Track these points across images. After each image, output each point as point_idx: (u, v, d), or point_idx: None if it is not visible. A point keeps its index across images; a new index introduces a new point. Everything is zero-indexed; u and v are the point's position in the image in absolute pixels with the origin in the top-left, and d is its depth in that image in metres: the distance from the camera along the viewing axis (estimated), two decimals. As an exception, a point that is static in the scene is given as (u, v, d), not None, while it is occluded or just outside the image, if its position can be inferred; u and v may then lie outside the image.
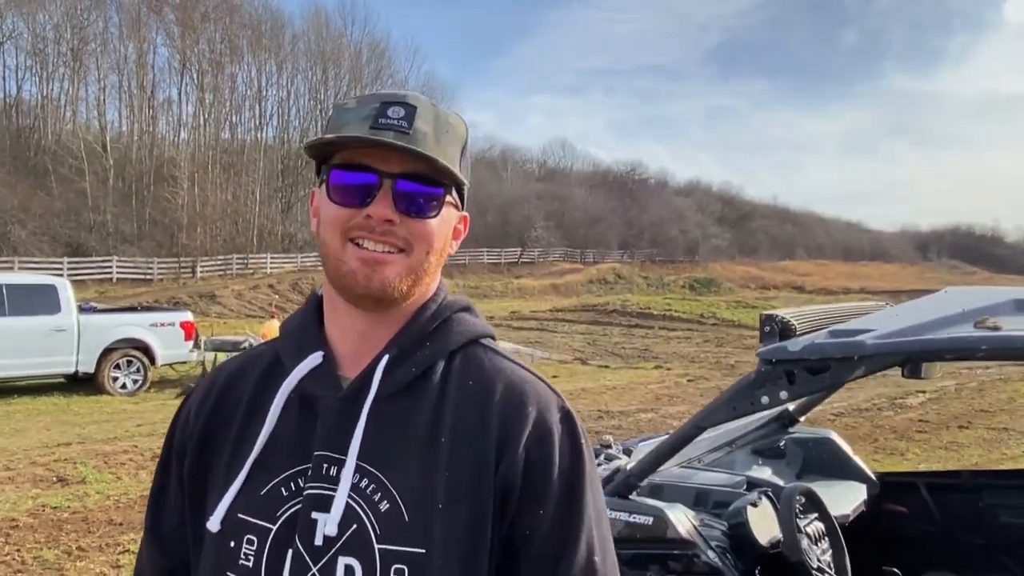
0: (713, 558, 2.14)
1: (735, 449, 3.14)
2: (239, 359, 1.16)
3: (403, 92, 1.02)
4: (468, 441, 0.99)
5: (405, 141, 0.97)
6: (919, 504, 3.16)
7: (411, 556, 0.94)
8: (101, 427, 10.09)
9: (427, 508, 0.96)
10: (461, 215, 1.09)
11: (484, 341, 1.09)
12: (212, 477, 1.05)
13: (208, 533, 1.01)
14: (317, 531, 0.96)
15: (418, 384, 1.02)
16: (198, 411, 1.10)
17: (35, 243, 38.53)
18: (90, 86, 50.57)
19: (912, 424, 10.32)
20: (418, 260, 1.01)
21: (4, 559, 5.22)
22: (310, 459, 0.99)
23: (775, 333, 2.19)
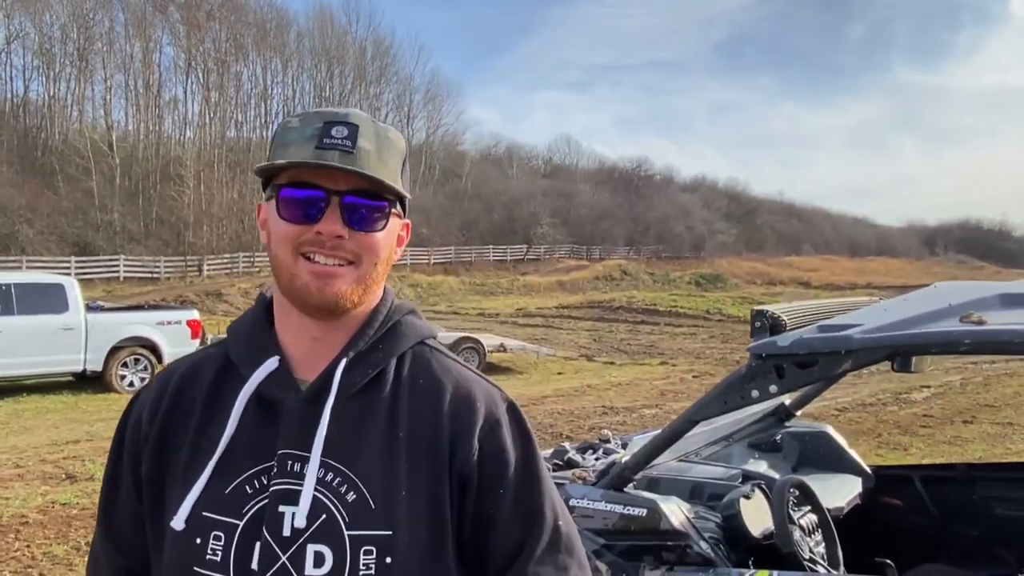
0: (706, 549, 2.19)
1: (732, 443, 3.18)
2: (187, 361, 1.20)
3: (344, 111, 1.08)
4: (423, 434, 1.08)
5: (349, 160, 1.03)
6: (914, 497, 3.20)
7: (379, 538, 1.02)
8: (109, 425, 10.14)
9: (391, 495, 1.04)
10: (403, 223, 1.16)
11: (429, 342, 1.17)
12: (170, 478, 1.09)
13: (171, 531, 1.05)
14: (284, 523, 1.03)
15: (373, 384, 1.10)
16: (152, 413, 1.14)
17: (43, 242, 38.71)
18: (96, 85, 50.78)
19: (916, 419, 10.33)
20: (367, 271, 1.08)
21: (14, 555, 5.30)
22: (272, 458, 1.05)
23: (766, 328, 2.24)
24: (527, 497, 1.12)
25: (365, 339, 1.11)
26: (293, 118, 1.10)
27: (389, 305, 1.16)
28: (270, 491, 1.04)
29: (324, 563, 1.02)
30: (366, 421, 1.08)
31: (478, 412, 1.11)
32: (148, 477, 1.12)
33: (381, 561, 1.02)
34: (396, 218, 1.12)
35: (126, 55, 50.89)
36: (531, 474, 1.13)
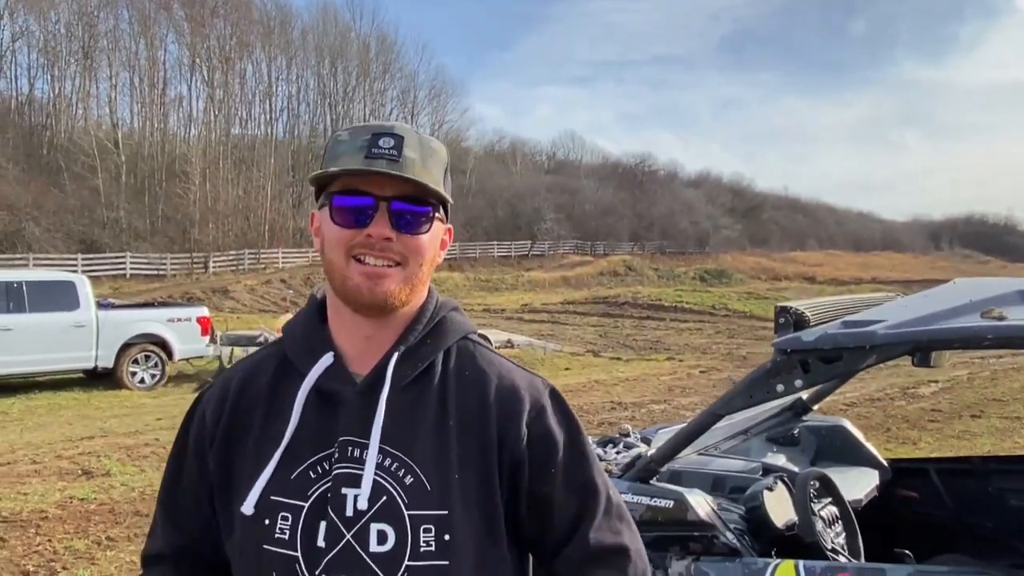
0: (731, 539, 2.24)
1: (750, 437, 3.23)
2: (248, 363, 1.29)
3: (390, 124, 1.17)
4: (472, 421, 1.17)
5: (396, 168, 1.11)
6: (930, 489, 3.25)
7: (436, 517, 1.11)
8: (122, 421, 10.26)
9: (445, 478, 1.13)
10: (446, 227, 1.24)
11: (471, 336, 1.26)
12: (237, 470, 1.18)
13: (241, 516, 1.14)
14: (348, 504, 1.11)
15: (423, 377, 1.18)
16: (217, 411, 1.22)
17: (49, 240, 38.84)
18: (101, 83, 50.91)
19: (925, 413, 10.37)
20: (413, 271, 1.16)
21: (36, 549, 5.37)
22: (332, 445, 1.14)
23: (789, 324, 2.29)
24: (578, 473, 1.21)
25: (414, 334, 1.19)
26: (343, 131, 1.19)
27: (435, 303, 1.25)
28: (333, 475, 1.12)
29: (387, 541, 1.10)
30: (418, 410, 1.16)
31: (523, 400, 1.19)
32: (217, 472, 1.21)
33: (440, 538, 1.10)
34: (439, 222, 1.20)
35: (131, 53, 51.03)
36: (579, 452, 1.22)
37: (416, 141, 1.15)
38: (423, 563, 1.10)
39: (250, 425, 1.20)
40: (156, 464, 7.73)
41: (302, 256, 46.54)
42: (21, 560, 5.16)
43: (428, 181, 1.13)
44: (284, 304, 18.28)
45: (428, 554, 1.10)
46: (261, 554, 1.13)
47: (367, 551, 1.10)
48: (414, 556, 1.10)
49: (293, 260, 45.51)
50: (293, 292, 33.56)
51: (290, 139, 57.57)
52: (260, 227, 49.17)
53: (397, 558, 1.10)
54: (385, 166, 1.11)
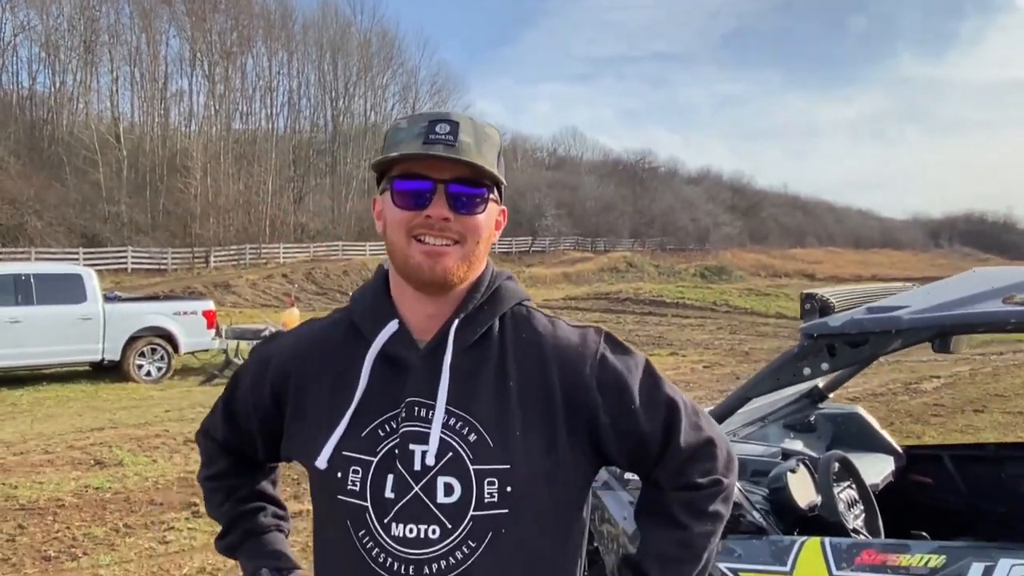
0: (758, 518, 2.31)
1: (767, 424, 3.31)
2: (316, 326, 1.39)
3: (446, 111, 1.25)
4: (532, 380, 1.24)
5: (452, 152, 1.18)
6: (944, 475, 3.32)
7: (499, 471, 1.20)
8: (131, 413, 10.32)
9: (507, 435, 1.21)
10: (500, 208, 1.32)
11: (525, 303, 1.34)
12: (310, 426, 1.28)
13: (316, 470, 1.24)
14: (415, 459, 1.20)
15: (482, 341, 1.26)
16: (286, 364, 1.33)
17: (51, 233, 38.88)
18: (102, 78, 50.91)
19: (928, 408, 10.44)
20: (470, 249, 1.24)
21: (56, 536, 5.44)
22: (399, 406, 1.23)
23: (815, 310, 2.36)
24: (655, 400, 1.28)
25: (473, 303, 1.27)
26: (402, 120, 1.26)
27: (491, 273, 1.33)
28: (400, 432, 1.21)
29: (453, 492, 1.19)
30: (479, 373, 1.24)
31: (581, 353, 1.27)
32: (291, 430, 1.32)
33: (503, 490, 1.19)
34: (494, 203, 1.28)
35: (132, 47, 51.01)
36: (649, 381, 1.29)
37: (471, 127, 1.23)
38: (487, 512, 1.18)
39: (319, 386, 1.29)
40: (167, 455, 7.80)
41: (303, 251, 46.61)
42: (41, 546, 5.24)
43: (482, 164, 1.21)
44: (290, 299, 18.22)
45: (492, 504, 1.18)
46: (335, 503, 1.23)
47: (434, 502, 1.19)
48: (479, 506, 1.18)
49: (294, 255, 45.57)
50: (297, 287, 33.59)
51: (291, 134, 57.58)
52: (261, 222, 49.21)
53: (463, 508, 1.18)
54: (442, 150, 1.18)
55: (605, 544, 2.57)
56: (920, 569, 2.09)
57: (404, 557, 1.19)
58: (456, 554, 1.18)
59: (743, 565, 2.23)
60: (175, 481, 6.84)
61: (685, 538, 1.29)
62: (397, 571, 1.19)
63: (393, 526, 1.19)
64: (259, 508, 1.46)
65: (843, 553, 2.20)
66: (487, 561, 1.19)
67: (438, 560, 1.18)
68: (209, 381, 13.31)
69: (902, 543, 2.20)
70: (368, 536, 1.21)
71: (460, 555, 1.18)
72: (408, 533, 1.19)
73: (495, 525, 1.19)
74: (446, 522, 1.18)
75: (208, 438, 1.48)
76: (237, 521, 1.45)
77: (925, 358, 15.79)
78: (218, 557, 5.04)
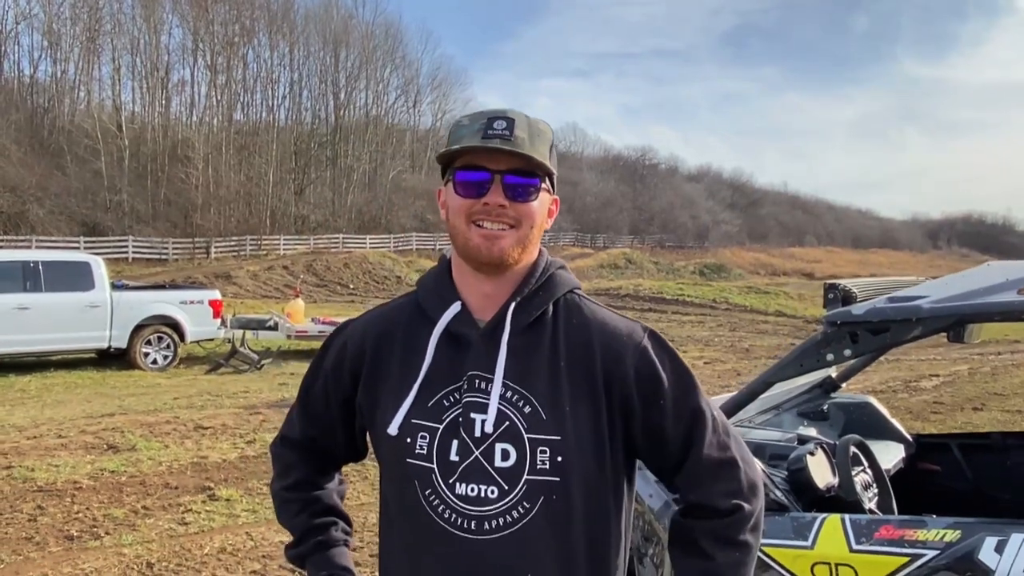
0: (780, 496, 2.43)
1: (782, 412, 3.42)
2: (383, 310, 1.51)
3: (504, 109, 1.37)
4: (580, 362, 1.36)
5: (509, 145, 1.31)
6: (951, 463, 3.44)
7: (551, 441, 1.32)
8: (139, 399, 10.42)
9: (558, 408, 1.33)
10: (553, 198, 1.44)
11: (577, 291, 1.45)
12: (382, 398, 1.40)
13: (387, 436, 1.37)
14: (476, 426, 1.32)
15: (537, 323, 1.38)
16: (360, 344, 1.45)
17: (52, 222, 38.95)
18: (104, 67, 50.92)
19: (927, 406, 10.57)
20: (524, 233, 1.35)
21: (76, 516, 5.55)
22: (462, 378, 1.35)
23: (838, 299, 2.49)
24: (685, 403, 1.38)
25: (528, 287, 1.39)
26: (464, 117, 1.40)
27: (545, 261, 1.44)
28: (463, 402, 1.34)
29: (509, 457, 1.31)
30: (533, 351, 1.36)
31: (626, 343, 1.37)
32: (364, 403, 1.44)
33: (554, 458, 1.31)
34: (546, 193, 1.40)
35: (134, 37, 51.02)
36: (683, 383, 1.39)
37: (525, 123, 1.35)
38: (539, 478, 1.30)
39: (390, 361, 1.42)
40: (179, 440, 7.91)
41: (303, 243, 46.68)
42: (63, 526, 5.34)
43: (535, 156, 1.33)
44: (295, 290, 18.35)
45: (544, 471, 1.30)
46: (404, 466, 1.36)
47: (493, 465, 1.31)
48: (532, 471, 1.31)
49: (294, 247, 45.65)
50: (301, 279, 33.66)
51: (292, 126, 57.60)
52: (262, 213, 49.30)
53: (517, 472, 1.31)
54: (499, 144, 1.30)
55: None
56: (937, 543, 2.20)
57: (466, 513, 1.31)
58: (512, 513, 1.30)
59: (766, 540, 2.34)
60: (188, 466, 6.95)
61: (710, 568, 1.37)
62: (460, 525, 1.31)
63: (457, 485, 1.32)
64: (331, 523, 1.56)
65: (862, 529, 2.32)
66: (540, 522, 1.30)
67: (496, 517, 1.30)
68: (215, 370, 13.40)
69: (919, 519, 2.31)
70: (434, 494, 1.33)
71: (516, 514, 1.30)
72: (470, 492, 1.31)
73: (547, 490, 1.30)
74: (503, 484, 1.30)
75: (285, 445, 1.58)
76: (309, 533, 1.54)
77: (924, 357, 15.93)
78: (238, 538, 5.17)
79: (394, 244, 50.13)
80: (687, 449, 1.38)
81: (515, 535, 1.30)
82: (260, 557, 4.87)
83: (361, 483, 6.36)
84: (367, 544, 4.81)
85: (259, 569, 4.68)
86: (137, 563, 4.71)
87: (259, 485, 6.39)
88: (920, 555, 2.22)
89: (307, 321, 15.75)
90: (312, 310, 20.08)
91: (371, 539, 1.71)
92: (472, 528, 1.31)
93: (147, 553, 4.85)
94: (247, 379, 12.59)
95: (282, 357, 14.70)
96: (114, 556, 4.80)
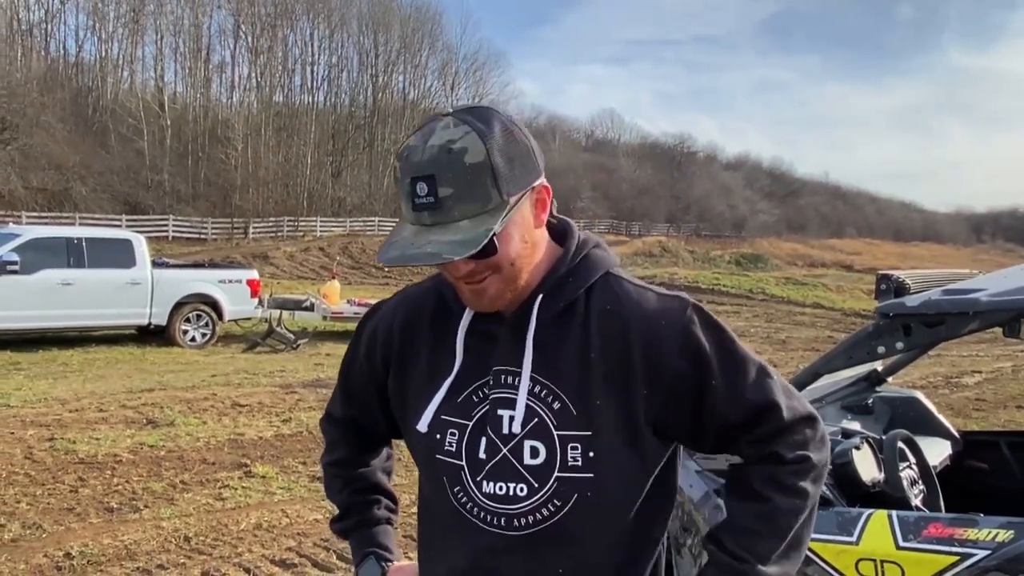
0: (825, 491, 2.38)
1: (825, 405, 3.35)
2: (409, 296, 1.44)
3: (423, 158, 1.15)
4: (613, 353, 1.26)
5: (438, 215, 1.15)
6: (1000, 460, 3.35)
7: (582, 437, 1.24)
8: (178, 376, 10.58)
9: (588, 403, 1.24)
10: (534, 192, 1.25)
11: (614, 271, 1.33)
12: (411, 391, 1.37)
13: (417, 432, 1.33)
14: (503, 423, 1.26)
15: (566, 312, 1.28)
16: (388, 332, 1.41)
17: (95, 200, 39.62)
18: (147, 47, 51.56)
19: (969, 402, 10.37)
20: (508, 272, 1.23)
21: (116, 488, 5.65)
22: (488, 374, 1.29)
23: (891, 290, 2.42)
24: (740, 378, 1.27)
25: (557, 274, 1.29)
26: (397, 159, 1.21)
27: (576, 242, 1.33)
28: (490, 399, 1.28)
29: (539, 455, 1.25)
30: (562, 343, 1.27)
31: (667, 326, 1.26)
32: (395, 392, 1.41)
33: (586, 455, 1.23)
34: (515, 209, 1.20)
35: (177, 17, 51.57)
36: (734, 356, 1.28)
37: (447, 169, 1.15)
38: (571, 475, 1.24)
39: (418, 353, 1.37)
40: (216, 417, 8.02)
41: (340, 225, 47.02)
42: (103, 498, 5.44)
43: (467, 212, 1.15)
44: (331, 272, 18.50)
45: (575, 467, 1.24)
46: (433, 461, 1.32)
47: (521, 463, 1.25)
48: (563, 468, 1.24)
49: (331, 229, 46.01)
50: (337, 261, 33.91)
51: (330, 109, 57.92)
52: (299, 195, 49.71)
53: (548, 470, 1.24)
54: (428, 218, 1.16)
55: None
56: (988, 543, 2.14)
57: (495, 511, 1.27)
58: (542, 511, 1.25)
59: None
60: (226, 442, 7.04)
61: (764, 511, 1.28)
62: (489, 522, 1.28)
63: (484, 483, 1.27)
64: (375, 500, 1.56)
65: (910, 526, 2.26)
66: (572, 520, 1.25)
67: (526, 515, 1.26)
68: (251, 349, 13.57)
69: (969, 517, 2.25)
70: (463, 492, 1.29)
71: (546, 512, 1.25)
72: (498, 490, 1.26)
73: (580, 488, 1.24)
74: (532, 482, 1.25)
75: (331, 423, 1.57)
76: (352, 509, 1.54)
77: (966, 353, 15.62)
78: (273, 514, 5.22)
79: (429, 228, 50.21)
80: (757, 422, 1.28)
81: (546, 531, 1.26)
82: (295, 534, 4.91)
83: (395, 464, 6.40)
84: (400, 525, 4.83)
85: (294, 546, 4.72)
86: (175, 536, 4.78)
87: (294, 464, 6.45)
88: (970, 555, 2.16)
89: (342, 302, 15.89)
90: (347, 292, 20.25)
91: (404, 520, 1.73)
92: (503, 524, 1.27)
93: (185, 527, 4.92)
94: (283, 358, 12.72)
95: (318, 338, 14.84)
96: (153, 529, 4.88)
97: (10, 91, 38.14)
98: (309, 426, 7.61)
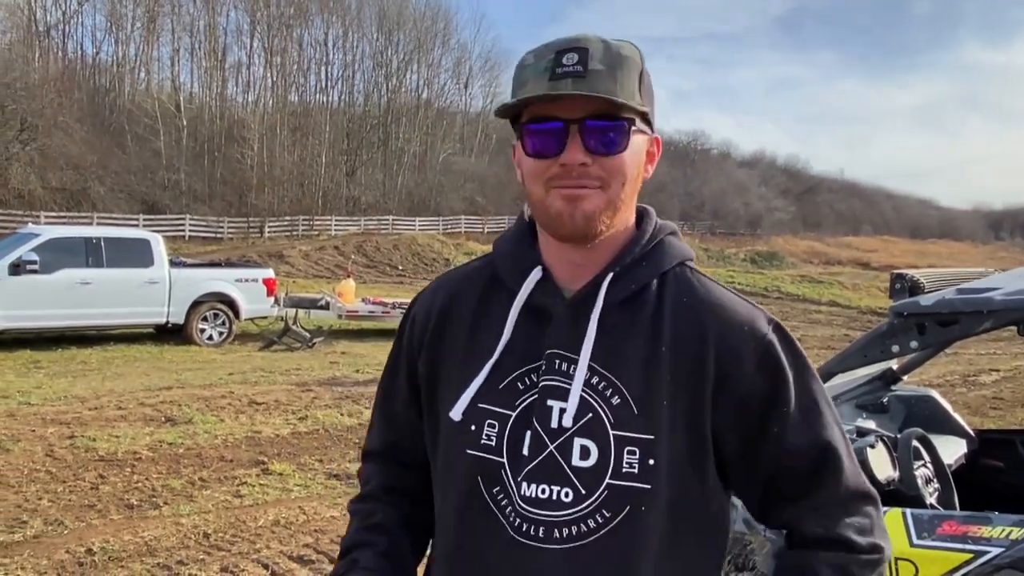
0: (839, 489, 2.39)
1: (840, 403, 3.35)
2: (457, 274, 1.29)
3: (576, 36, 1.08)
4: (687, 351, 1.11)
5: (582, 86, 1.04)
6: (1015, 459, 3.35)
7: (642, 441, 1.08)
8: (196, 374, 10.68)
9: (654, 404, 1.09)
10: (651, 138, 1.17)
11: (689, 263, 1.20)
12: (445, 376, 1.20)
13: (449, 421, 1.16)
14: (552, 416, 1.10)
15: (637, 298, 1.14)
16: (426, 315, 1.25)
17: (113, 199, 39.93)
18: (164, 47, 51.91)
19: (986, 401, 10.31)
20: (615, 193, 1.10)
21: (136, 485, 5.72)
22: (540, 358, 1.13)
23: (905, 290, 2.43)
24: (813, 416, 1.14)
25: (631, 255, 1.15)
26: (528, 55, 1.11)
27: (653, 225, 1.20)
28: (539, 386, 1.12)
29: (590, 456, 1.09)
30: (629, 333, 1.12)
31: (748, 335, 1.12)
32: (424, 375, 1.23)
33: (644, 462, 1.08)
34: (640, 135, 1.12)
35: (192, 18, 51.91)
36: (812, 391, 1.15)
37: (602, 51, 1.06)
38: (624, 483, 1.08)
39: (458, 334, 1.20)
40: (234, 415, 8.09)
41: (354, 224, 47.13)
42: (123, 495, 5.51)
43: (619, 93, 1.05)
44: (346, 271, 18.59)
45: (630, 475, 1.08)
46: (464, 458, 1.15)
47: (569, 464, 1.09)
48: (616, 475, 1.08)
49: (345, 228, 46.14)
50: (352, 260, 34.05)
51: (345, 108, 58.10)
52: (314, 194, 49.90)
53: (599, 474, 1.09)
54: (571, 85, 1.04)
55: None
56: (1002, 541, 2.15)
57: (534, 518, 1.10)
58: (589, 522, 1.09)
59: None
60: (243, 440, 7.11)
61: None
62: (526, 532, 1.10)
63: (524, 485, 1.10)
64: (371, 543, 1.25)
65: (924, 524, 2.27)
66: (621, 535, 1.09)
67: (569, 525, 1.09)
68: (268, 347, 13.66)
69: (984, 515, 2.26)
70: (503, 493, 1.12)
71: (593, 523, 1.09)
72: (540, 494, 1.10)
73: (633, 499, 1.08)
74: (580, 487, 1.09)
75: (366, 461, 1.36)
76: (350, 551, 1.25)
77: (984, 351, 15.51)
78: (290, 511, 5.27)
79: (443, 226, 50.35)
80: (816, 475, 1.14)
81: (589, 547, 1.09)
82: (312, 531, 4.96)
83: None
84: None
85: (311, 543, 4.77)
86: (194, 533, 4.84)
87: (311, 461, 6.51)
88: (984, 552, 2.17)
89: (357, 301, 15.99)
90: (362, 290, 20.34)
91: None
92: (540, 536, 1.09)
93: (204, 523, 4.98)
94: (299, 357, 12.80)
95: (333, 336, 14.93)
96: (172, 525, 4.94)
97: (28, 92, 38.48)
98: (325, 424, 7.68)
